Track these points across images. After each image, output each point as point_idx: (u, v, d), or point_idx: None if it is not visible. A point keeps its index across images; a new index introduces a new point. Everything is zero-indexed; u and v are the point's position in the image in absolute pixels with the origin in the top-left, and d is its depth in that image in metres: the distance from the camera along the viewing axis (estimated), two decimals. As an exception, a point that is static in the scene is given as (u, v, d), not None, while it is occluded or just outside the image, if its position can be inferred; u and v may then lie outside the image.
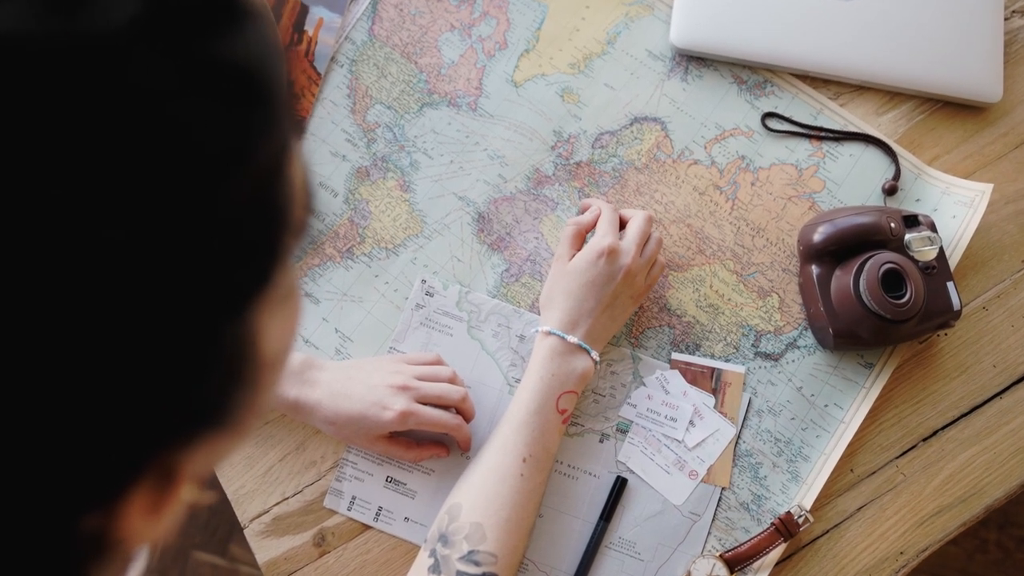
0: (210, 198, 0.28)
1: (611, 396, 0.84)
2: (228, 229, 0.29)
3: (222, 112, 0.28)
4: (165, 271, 0.27)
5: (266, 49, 0.31)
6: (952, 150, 0.92)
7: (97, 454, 0.29)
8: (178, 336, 0.29)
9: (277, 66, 0.32)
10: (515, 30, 0.93)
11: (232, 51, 0.29)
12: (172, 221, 0.27)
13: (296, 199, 0.34)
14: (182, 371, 0.30)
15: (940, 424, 0.85)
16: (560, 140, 0.91)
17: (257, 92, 0.30)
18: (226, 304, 0.30)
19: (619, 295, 0.80)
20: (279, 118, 0.31)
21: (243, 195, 0.29)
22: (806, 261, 0.85)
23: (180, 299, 0.28)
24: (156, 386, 0.29)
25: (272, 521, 0.81)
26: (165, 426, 0.30)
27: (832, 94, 0.93)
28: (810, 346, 0.86)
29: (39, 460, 0.27)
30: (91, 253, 0.26)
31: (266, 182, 0.31)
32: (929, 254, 0.83)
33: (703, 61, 0.93)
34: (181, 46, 0.27)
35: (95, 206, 0.26)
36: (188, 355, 0.29)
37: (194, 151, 0.27)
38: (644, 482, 0.82)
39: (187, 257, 0.28)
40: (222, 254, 0.29)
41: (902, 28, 0.92)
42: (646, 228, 0.83)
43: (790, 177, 0.90)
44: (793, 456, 0.83)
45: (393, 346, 0.85)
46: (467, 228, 0.88)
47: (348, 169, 0.89)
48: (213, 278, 0.29)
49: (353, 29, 0.93)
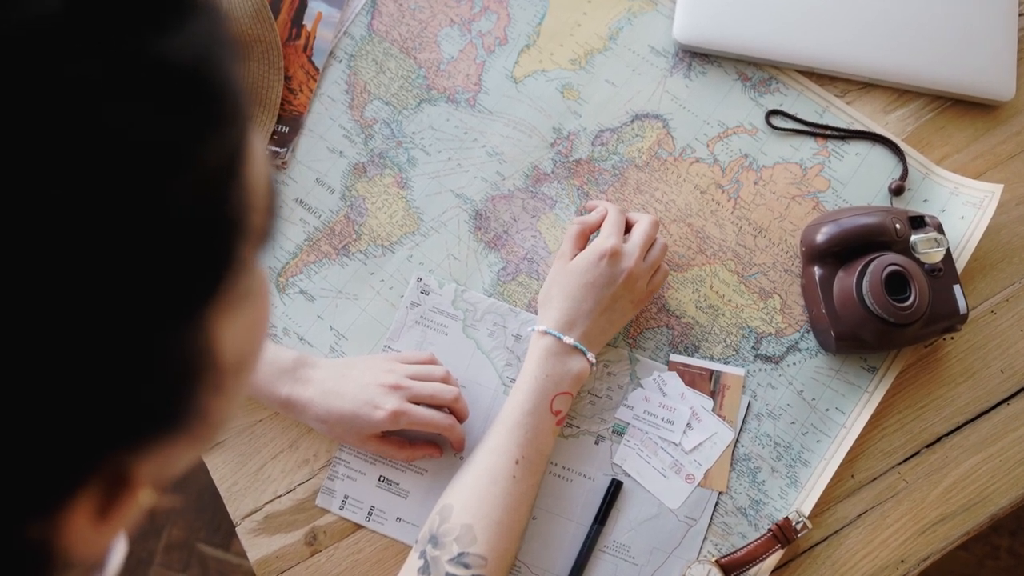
0: (148, 202, 0.27)
1: (607, 397, 0.82)
2: (171, 234, 0.28)
3: (157, 112, 0.27)
4: (101, 275, 0.27)
5: (212, 46, 0.30)
6: (962, 149, 0.90)
7: (36, 461, 0.28)
8: (119, 341, 0.28)
9: (225, 64, 0.30)
10: (515, 25, 0.92)
11: (170, 48, 0.28)
12: (106, 225, 0.26)
13: (253, 203, 0.33)
14: (125, 376, 0.29)
15: (944, 430, 0.83)
16: (560, 137, 0.89)
17: (199, 92, 0.29)
18: (171, 309, 0.29)
19: (619, 299, 0.79)
20: (227, 119, 0.30)
21: (187, 200, 0.28)
22: (808, 262, 0.83)
23: (120, 303, 0.27)
24: (98, 391, 0.28)
25: (264, 519, 0.81)
26: (109, 432, 0.30)
27: (839, 91, 0.91)
28: (812, 349, 0.84)
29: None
30: (24, 255, 0.25)
31: (215, 186, 0.30)
32: (935, 256, 0.81)
33: (707, 57, 0.91)
34: (111, 42, 0.26)
35: (23, 207, 0.25)
36: (131, 360, 0.29)
37: (126, 153, 0.26)
38: (639, 485, 0.81)
39: (126, 262, 0.27)
40: (165, 259, 0.28)
41: (912, 24, 0.90)
42: (651, 233, 0.81)
43: (794, 176, 0.88)
44: (792, 461, 0.81)
45: (388, 344, 0.84)
46: (464, 226, 0.87)
47: (345, 165, 0.88)
48: (156, 283, 0.28)
49: (352, 24, 0.92)
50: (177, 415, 0.32)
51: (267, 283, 0.38)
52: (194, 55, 0.29)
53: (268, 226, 0.35)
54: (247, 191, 0.32)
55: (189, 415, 0.33)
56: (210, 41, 0.30)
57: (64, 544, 0.31)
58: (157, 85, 0.27)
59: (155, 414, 0.31)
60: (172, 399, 0.32)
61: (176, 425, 0.33)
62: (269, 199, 0.35)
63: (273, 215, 0.36)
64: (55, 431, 0.28)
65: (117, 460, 0.31)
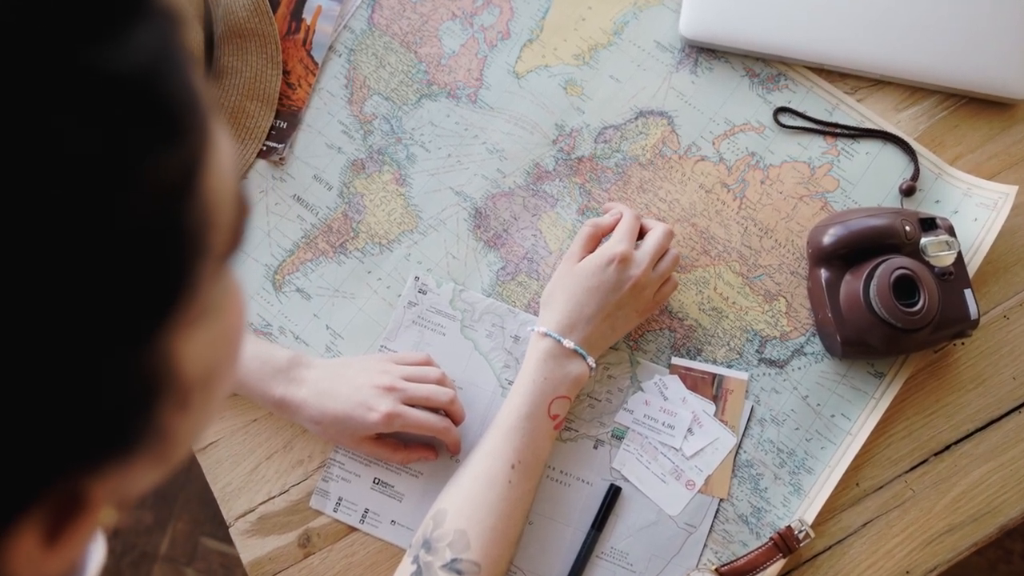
0: (87, 221, 0.26)
1: (607, 401, 0.81)
2: (116, 254, 0.27)
3: (94, 127, 0.25)
4: (40, 297, 0.25)
5: (161, 56, 0.28)
6: (976, 149, 0.87)
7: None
8: (65, 362, 0.27)
9: (177, 74, 0.29)
10: (519, 19, 0.90)
11: (111, 59, 0.26)
12: (44, 245, 0.25)
13: (213, 220, 0.31)
14: (73, 397, 0.27)
15: (953, 438, 0.81)
16: (562, 134, 0.87)
17: (145, 104, 0.27)
18: (121, 330, 0.28)
19: (623, 306, 0.77)
20: (179, 131, 0.29)
21: (133, 218, 0.27)
22: (815, 264, 0.81)
23: (60, 325, 0.26)
24: (43, 413, 0.27)
25: (257, 520, 0.80)
26: (56, 455, 0.28)
27: (849, 88, 0.88)
28: (817, 353, 0.82)
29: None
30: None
31: (166, 203, 0.28)
32: (946, 259, 0.79)
33: (713, 53, 0.89)
34: (47, 54, 0.25)
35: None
36: (78, 381, 0.27)
37: (62, 170, 0.25)
38: (639, 491, 0.79)
39: (66, 283, 0.26)
40: (111, 279, 0.27)
41: (925, 19, 0.87)
42: (664, 243, 0.79)
43: (802, 175, 0.86)
44: (796, 468, 0.79)
45: (384, 344, 0.83)
46: (463, 224, 0.85)
47: (343, 162, 0.87)
48: (102, 304, 0.27)
49: (352, 17, 0.91)
50: (133, 435, 0.31)
51: (239, 292, 0.37)
52: (139, 65, 0.27)
53: (234, 241, 0.34)
54: (206, 207, 0.30)
55: (148, 434, 0.32)
56: (160, 50, 0.28)
57: (10, 568, 0.29)
58: (95, 98, 0.26)
59: (108, 435, 0.30)
60: (126, 419, 0.30)
61: (133, 445, 0.31)
62: (236, 212, 0.33)
63: (241, 228, 0.34)
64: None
65: (68, 482, 0.30)
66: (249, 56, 0.87)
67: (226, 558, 1.53)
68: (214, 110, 0.31)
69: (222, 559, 1.53)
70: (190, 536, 1.54)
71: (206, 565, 1.52)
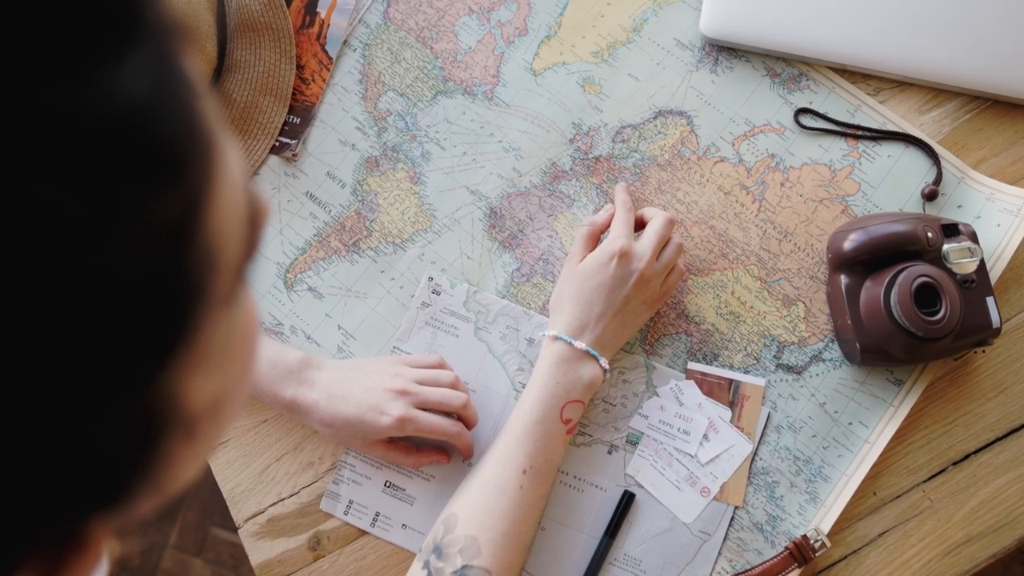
0: (74, 278, 0.23)
1: (622, 406, 0.80)
2: (105, 308, 0.24)
3: (75, 180, 0.23)
4: (31, 353, 0.24)
5: (156, 89, 0.25)
6: (1000, 153, 0.86)
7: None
8: (60, 415, 0.25)
9: (174, 108, 0.26)
10: (536, 15, 0.89)
11: (90, 101, 0.23)
12: (27, 304, 0.23)
13: (216, 261, 0.28)
14: (74, 448, 0.26)
15: (973, 448, 0.80)
16: (579, 133, 0.86)
17: (130, 148, 0.24)
18: (119, 379, 0.26)
19: (630, 300, 0.76)
20: (177, 174, 0.25)
21: (122, 271, 0.25)
22: (835, 269, 0.80)
23: (57, 380, 0.24)
24: (40, 465, 0.25)
25: (267, 522, 0.79)
26: (55, 505, 0.27)
27: (872, 90, 0.87)
28: (836, 360, 0.81)
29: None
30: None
31: (158, 252, 0.26)
32: (968, 267, 0.78)
33: (734, 52, 0.88)
34: (13, 98, 0.22)
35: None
36: (76, 432, 0.25)
37: (37, 226, 0.22)
38: (653, 497, 0.78)
39: (53, 339, 0.24)
40: (102, 333, 0.25)
41: (949, 20, 0.86)
42: (665, 232, 0.78)
43: (823, 178, 0.85)
44: (812, 476, 0.78)
45: (397, 345, 0.82)
46: (478, 224, 0.84)
47: (357, 159, 0.86)
48: (95, 356, 0.25)
49: (367, 12, 0.89)
50: (137, 477, 0.30)
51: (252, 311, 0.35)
52: (129, 105, 0.24)
53: (242, 275, 0.32)
54: (208, 248, 0.27)
55: (152, 471, 0.30)
56: (154, 82, 0.25)
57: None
58: (78, 153, 0.23)
59: (110, 485, 0.29)
60: (130, 464, 0.29)
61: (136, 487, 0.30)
62: (246, 242, 0.31)
63: (241, 268, 0.32)
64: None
65: (69, 526, 0.29)
66: (262, 50, 0.85)
67: (235, 548, 1.53)
68: (219, 135, 0.28)
69: (231, 549, 1.53)
70: (199, 526, 1.53)
71: (215, 555, 1.52)
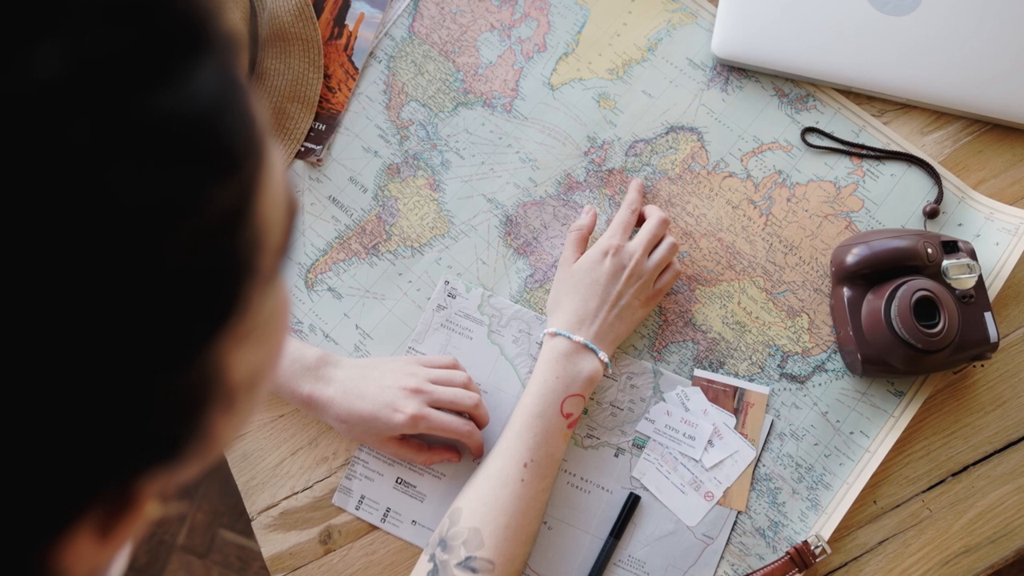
0: (141, 259, 0.26)
1: (629, 410, 0.82)
2: (170, 285, 0.27)
3: (152, 171, 0.26)
4: (99, 327, 0.26)
5: (220, 92, 0.28)
6: (999, 174, 0.88)
7: (41, 494, 0.28)
8: (122, 383, 0.28)
9: (235, 107, 0.29)
10: (555, 33, 0.92)
11: (171, 103, 0.26)
12: (100, 283, 0.26)
13: (264, 242, 0.32)
14: (130, 413, 0.28)
15: (971, 459, 0.82)
16: (594, 146, 0.89)
17: (202, 144, 0.27)
18: (174, 353, 0.29)
19: (623, 294, 0.80)
20: (235, 164, 0.29)
21: (187, 252, 0.28)
22: (838, 283, 0.82)
23: (120, 350, 0.27)
24: (102, 428, 0.28)
25: (280, 515, 0.81)
26: (114, 463, 0.29)
27: (876, 111, 0.90)
28: (838, 370, 0.83)
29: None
30: (28, 310, 0.25)
31: (218, 234, 0.29)
32: (967, 282, 0.80)
33: (744, 72, 0.91)
34: (108, 105, 0.25)
35: (25, 267, 0.25)
36: (135, 399, 0.28)
37: (117, 216, 0.26)
38: (658, 500, 0.80)
39: (123, 314, 0.27)
40: (165, 308, 0.28)
41: (953, 46, 0.89)
42: (658, 231, 0.82)
43: (828, 195, 0.87)
44: (814, 483, 0.80)
45: (412, 346, 0.84)
46: (494, 231, 0.87)
47: (379, 165, 0.89)
48: (156, 331, 0.28)
49: (393, 25, 0.93)
50: (184, 441, 0.32)
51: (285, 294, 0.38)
52: (201, 106, 0.27)
53: (282, 257, 0.35)
54: (258, 231, 0.31)
55: (197, 438, 0.33)
56: (220, 85, 0.28)
57: (66, 565, 0.31)
58: (153, 143, 0.26)
59: (162, 443, 0.31)
60: (178, 429, 0.31)
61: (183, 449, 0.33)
62: (285, 228, 0.34)
63: (283, 250, 0.34)
64: (60, 464, 0.28)
65: (122, 485, 0.31)
66: (292, 59, 0.89)
67: (243, 551, 1.54)
68: (267, 133, 0.32)
69: (239, 551, 1.54)
70: (208, 527, 1.55)
71: (223, 557, 1.54)
